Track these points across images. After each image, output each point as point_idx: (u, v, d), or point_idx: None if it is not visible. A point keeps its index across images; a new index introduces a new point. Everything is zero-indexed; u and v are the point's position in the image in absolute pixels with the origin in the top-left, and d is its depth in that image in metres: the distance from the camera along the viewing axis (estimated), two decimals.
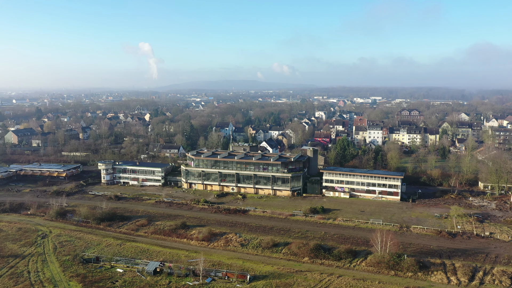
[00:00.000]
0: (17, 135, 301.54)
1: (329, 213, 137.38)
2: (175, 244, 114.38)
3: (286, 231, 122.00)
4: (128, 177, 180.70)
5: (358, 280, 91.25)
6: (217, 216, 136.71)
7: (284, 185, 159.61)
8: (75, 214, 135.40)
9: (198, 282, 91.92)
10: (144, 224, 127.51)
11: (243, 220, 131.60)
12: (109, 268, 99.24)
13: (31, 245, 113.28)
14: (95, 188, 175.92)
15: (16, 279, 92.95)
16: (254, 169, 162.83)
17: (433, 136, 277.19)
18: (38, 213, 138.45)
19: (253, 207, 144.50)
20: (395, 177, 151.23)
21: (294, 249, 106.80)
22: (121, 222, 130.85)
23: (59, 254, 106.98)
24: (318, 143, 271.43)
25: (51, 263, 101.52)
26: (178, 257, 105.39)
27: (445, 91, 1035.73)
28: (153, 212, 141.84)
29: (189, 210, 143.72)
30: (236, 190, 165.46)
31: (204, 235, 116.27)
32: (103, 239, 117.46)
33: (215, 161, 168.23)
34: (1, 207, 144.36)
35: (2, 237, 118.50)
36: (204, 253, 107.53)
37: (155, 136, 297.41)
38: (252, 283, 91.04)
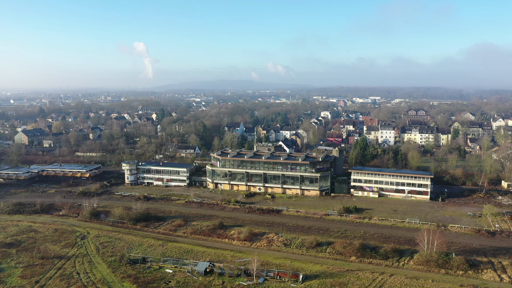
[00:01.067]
0: (27, 135, 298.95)
1: (362, 213, 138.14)
2: (217, 244, 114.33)
3: (325, 230, 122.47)
4: (152, 177, 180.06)
5: (411, 278, 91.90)
6: (251, 216, 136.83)
7: (312, 185, 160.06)
8: (110, 215, 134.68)
9: (251, 282, 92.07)
10: (181, 225, 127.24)
11: (279, 220, 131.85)
12: (157, 269, 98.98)
13: (72, 246, 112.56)
14: (119, 188, 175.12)
15: (67, 281, 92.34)
16: (282, 169, 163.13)
17: (445, 136, 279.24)
18: (71, 214, 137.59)
19: (285, 207, 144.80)
20: (425, 176, 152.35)
21: (339, 249, 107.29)
22: (156, 223, 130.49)
23: (103, 255, 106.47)
24: (331, 143, 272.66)
25: (98, 264, 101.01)
26: (224, 257, 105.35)
27: (443, 91, 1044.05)
28: (186, 212, 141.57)
29: (222, 210, 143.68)
30: (263, 190, 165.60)
31: (245, 235, 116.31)
32: (143, 239, 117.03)
33: (241, 161, 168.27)
34: (31, 208, 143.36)
35: (40, 239, 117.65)
36: (249, 253, 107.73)
37: (166, 136, 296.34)
38: (305, 282, 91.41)
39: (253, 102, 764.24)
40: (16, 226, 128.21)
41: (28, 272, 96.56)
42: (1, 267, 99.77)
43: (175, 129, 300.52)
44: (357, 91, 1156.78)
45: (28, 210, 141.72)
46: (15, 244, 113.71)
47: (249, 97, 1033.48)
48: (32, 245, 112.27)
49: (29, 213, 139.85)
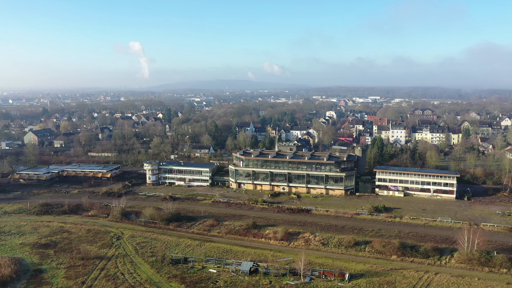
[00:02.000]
0: (37, 135, 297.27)
1: (391, 212, 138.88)
2: (254, 244, 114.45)
3: (359, 230, 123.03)
4: (174, 177, 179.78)
5: (457, 277, 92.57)
6: (281, 215, 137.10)
7: (337, 184, 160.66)
8: (141, 215, 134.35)
9: (298, 282, 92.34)
10: (213, 225, 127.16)
11: (311, 220, 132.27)
12: (200, 269, 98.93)
13: (109, 246, 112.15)
14: (141, 188, 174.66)
15: (113, 281, 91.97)
16: (306, 169, 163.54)
17: (456, 135, 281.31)
18: (100, 214, 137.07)
19: (313, 206, 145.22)
20: (451, 175, 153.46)
21: (378, 248, 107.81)
22: (188, 223, 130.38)
23: (143, 255, 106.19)
24: (344, 143, 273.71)
25: (140, 265, 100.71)
26: (264, 257, 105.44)
27: (442, 91, 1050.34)
28: (215, 212, 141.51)
29: (250, 210, 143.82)
30: (287, 190, 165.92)
31: (281, 235, 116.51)
32: (179, 240, 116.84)
33: (265, 160, 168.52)
34: (59, 208, 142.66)
35: (75, 239, 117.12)
36: (288, 253, 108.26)
37: (176, 136, 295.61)
38: (352, 281, 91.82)
39: (254, 102, 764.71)
40: (48, 227, 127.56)
41: (71, 273, 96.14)
42: (43, 268, 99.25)
43: (185, 129, 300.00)
44: (356, 91, 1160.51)
45: (57, 210, 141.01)
46: (51, 245, 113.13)
47: (248, 97, 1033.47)
48: (69, 246, 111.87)
49: (57, 214, 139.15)
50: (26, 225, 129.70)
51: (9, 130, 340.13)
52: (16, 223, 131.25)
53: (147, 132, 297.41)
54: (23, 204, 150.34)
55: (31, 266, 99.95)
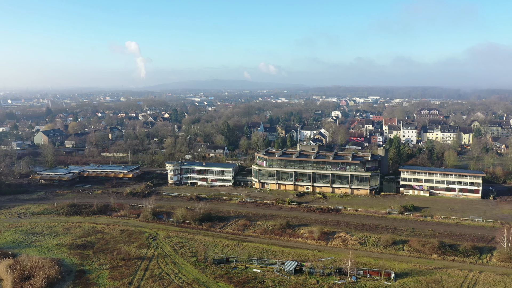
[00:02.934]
0: (47, 135, 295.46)
1: (420, 211, 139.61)
2: (292, 243, 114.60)
3: (393, 229, 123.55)
4: (196, 177, 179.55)
5: (502, 275, 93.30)
6: (312, 215, 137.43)
7: (362, 184, 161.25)
8: (173, 215, 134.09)
9: (345, 281, 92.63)
10: (246, 225, 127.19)
11: (343, 219, 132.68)
12: (244, 269, 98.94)
13: (147, 247, 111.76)
14: (164, 189, 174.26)
15: (160, 282, 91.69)
16: (331, 168, 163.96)
17: (467, 135, 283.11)
18: (130, 215, 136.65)
19: (341, 206, 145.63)
20: (476, 175, 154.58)
21: (417, 247, 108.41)
22: (221, 223, 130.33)
23: (183, 255, 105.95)
24: (357, 143, 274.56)
25: (183, 265, 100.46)
26: (305, 256, 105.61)
27: (441, 91, 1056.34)
28: (244, 212, 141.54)
29: (279, 210, 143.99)
30: (311, 190, 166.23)
31: (318, 234, 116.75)
32: (216, 239, 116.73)
33: (289, 160, 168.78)
34: (88, 209, 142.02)
35: (111, 240, 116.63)
36: (328, 252, 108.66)
37: (187, 136, 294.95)
38: (398, 280, 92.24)
39: (255, 101, 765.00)
40: (80, 228, 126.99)
41: (115, 273, 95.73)
42: (85, 268, 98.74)
43: (195, 129, 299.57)
44: (355, 91, 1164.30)
45: (85, 211, 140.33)
46: (88, 245, 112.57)
47: (248, 97, 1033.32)
48: (106, 247, 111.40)
49: (87, 214, 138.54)
50: (57, 225, 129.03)
51: (17, 130, 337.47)
52: (47, 224, 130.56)
53: (158, 132, 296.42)
54: (49, 205, 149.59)
55: (73, 267, 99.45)
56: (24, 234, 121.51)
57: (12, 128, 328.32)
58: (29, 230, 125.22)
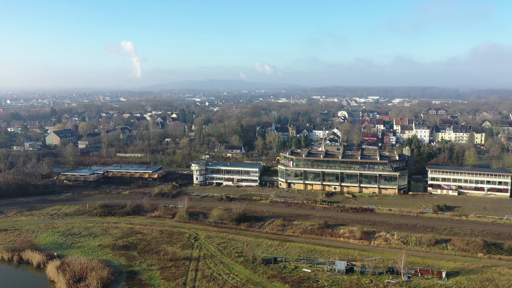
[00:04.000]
0: (59, 136, 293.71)
1: (453, 210, 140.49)
2: (334, 243, 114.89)
3: (431, 228, 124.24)
4: (222, 177, 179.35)
5: None
6: (347, 215, 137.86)
7: (391, 184, 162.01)
8: (209, 216, 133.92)
9: (398, 280, 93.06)
10: (284, 224, 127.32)
11: (380, 219, 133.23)
12: (293, 269, 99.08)
13: (190, 247, 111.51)
14: (190, 189, 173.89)
15: (214, 282, 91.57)
16: (359, 168, 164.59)
17: (479, 135, 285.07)
18: (165, 215, 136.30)
19: (372, 205, 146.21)
20: (505, 174, 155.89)
21: (461, 246, 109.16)
22: (258, 223, 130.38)
23: (230, 255, 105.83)
24: (373, 142, 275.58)
25: (232, 265, 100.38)
26: (351, 256, 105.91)
27: (439, 91, 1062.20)
28: (278, 212, 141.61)
29: (313, 210, 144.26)
30: (339, 189, 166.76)
31: (359, 234, 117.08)
32: (257, 240, 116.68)
33: (316, 160, 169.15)
34: (121, 209, 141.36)
35: (152, 240, 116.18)
36: (373, 252, 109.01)
37: (199, 136, 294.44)
38: (450, 279, 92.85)
39: (257, 101, 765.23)
40: (117, 228, 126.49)
41: (167, 274, 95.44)
42: (135, 269, 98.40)
43: (208, 130, 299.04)
44: (354, 91, 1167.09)
45: (119, 212, 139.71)
46: (130, 246, 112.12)
47: (248, 97, 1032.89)
48: (149, 247, 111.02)
49: (121, 215, 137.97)
50: (93, 226, 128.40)
51: (26, 131, 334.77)
52: (83, 225, 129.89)
53: (173, 132, 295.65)
54: (80, 206, 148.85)
55: (122, 268, 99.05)
56: (63, 235, 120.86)
57: (22, 128, 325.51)
58: (66, 231, 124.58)
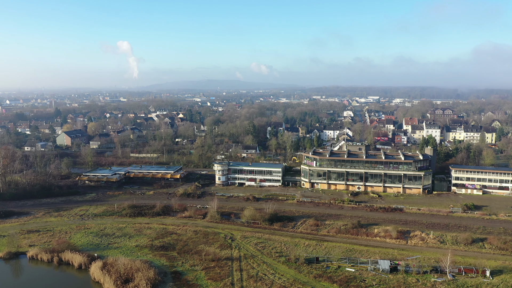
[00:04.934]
0: (70, 136, 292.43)
1: (481, 209, 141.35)
2: (372, 242, 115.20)
3: (464, 227, 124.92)
4: (244, 177, 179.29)
5: None
6: (378, 214, 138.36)
7: (415, 183, 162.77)
8: (241, 216, 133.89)
9: (443, 279, 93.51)
10: (317, 224, 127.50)
11: (411, 218, 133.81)
12: (337, 268, 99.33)
13: (228, 247, 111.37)
14: (213, 189, 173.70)
15: (262, 282, 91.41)
16: (383, 168, 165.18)
17: (489, 135, 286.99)
18: (196, 216, 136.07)
19: (400, 205, 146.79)
20: None
21: (498, 244, 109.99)
22: (290, 223, 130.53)
23: (270, 255, 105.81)
24: (386, 142, 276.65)
25: (275, 265, 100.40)
26: (391, 255, 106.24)
27: (439, 91, 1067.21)
28: (308, 212, 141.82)
29: (341, 209, 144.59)
30: (363, 189, 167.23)
31: (395, 233, 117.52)
32: (294, 239, 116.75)
33: (340, 160, 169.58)
34: (150, 210, 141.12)
35: (189, 241, 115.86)
36: (412, 251, 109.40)
37: (211, 136, 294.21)
38: (495, 277, 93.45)
39: (257, 102, 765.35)
40: (150, 229, 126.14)
41: (212, 274, 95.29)
42: (178, 270, 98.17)
43: (222, 130, 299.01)
44: (354, 91, 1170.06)
45: (149, 212, 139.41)
46: (168, 247, 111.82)
47: (249, 97, 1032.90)
48: (187, 248, 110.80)
49: (151, 216, 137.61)
50: (125, 227, 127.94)
51: (37, 131, 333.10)
52: (115, 225, 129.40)
53: (185, 132, 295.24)
54: (107, 206, 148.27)
55: (165, 269, 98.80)
56: (97, 236, 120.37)
57: (32, 129, 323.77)
58: (99, 232, 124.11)
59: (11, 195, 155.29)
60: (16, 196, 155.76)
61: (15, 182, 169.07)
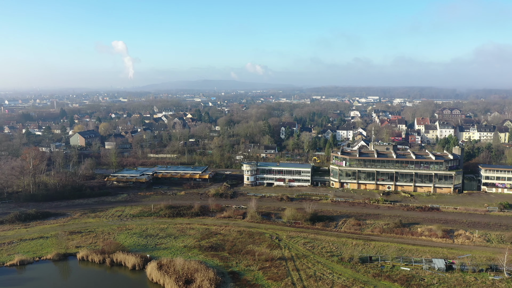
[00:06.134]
0: (84, 137, 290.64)
1: None
2: (418, 241, 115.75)
3: (506, 226, 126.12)
4: (273, 177, 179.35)
5: None
6: (416, 213, 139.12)
7: (446, 182, 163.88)
8: (282, 216, 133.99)
9: (501, 277, 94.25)
10: (358, 224, 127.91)
11: (451, 217, 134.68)
12: (391, 267, 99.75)
13: (278, 247, 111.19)
14: (242, 189, 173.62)
15: (322, 281, 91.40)
16: (413, 167, 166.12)
17: (503, 134, 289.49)
18: (236, 216, 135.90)
19: (435, 204, 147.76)
20: None
21: None
22: (331, 222, 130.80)
23: (321, 255, 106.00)
24: (402, 142, 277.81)
25: (330, 265, 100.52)
26: (442, 254, 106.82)
27: (437, 91, 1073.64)
28: (346, 211, 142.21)
29: (378, 209, 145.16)
30: (393, 189, 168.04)
31: (441, 233, 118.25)
32: (340, 239, 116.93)
33: (371, 160, 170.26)
34: (188, 210, 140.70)
35: (236, 241, 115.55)
36: (460, 249, 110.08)
37: (226, 136, 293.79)
38: None
39: (257, 102, 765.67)
40: (192, 229, 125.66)
41: (270, 274, 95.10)
42: (234, 270, 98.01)
43: (237, 130, 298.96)
44: (353, 91, 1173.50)
45: (187, 213, 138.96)
46: (216, 247, 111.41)
47: (249, 97, 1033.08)
48: (236, 248, 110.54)
49: (190, 216, 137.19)
50: (167, 228, 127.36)
51: (49, 132, 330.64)
52: (156, 226, 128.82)
53: (201, 133, 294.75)
54: (143, 207, 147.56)
55: (221, 269, 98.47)
56: (141, 237, 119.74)
57: (46, 129, 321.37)
58: (142, 232, 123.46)
59: (43, 196, 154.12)
60: (48, 197, 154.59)
61: (43, 183, 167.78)
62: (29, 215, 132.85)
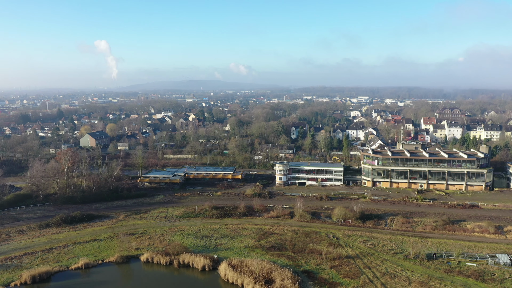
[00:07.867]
0: (94, 137, 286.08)
1: None
2: (473, 237, 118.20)
3: None
4: (305, 177, 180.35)
5: None
6: (459, 211, 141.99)
7: (477, 180, 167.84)
8: (332, 215, 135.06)
9: None
10: (408, 222, 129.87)
11: (495, 214, 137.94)
12: (458, 263, 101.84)
13: (339, 246, 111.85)
14: (275, 189, 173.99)
15: (399, 279, 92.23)
16: (446, 166, 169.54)
17: (509, 133, 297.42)
18: (284, 215, 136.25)
19: (473, 201, 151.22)
20: None
21: None
22: (380, 220, 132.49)
23: (385, 252, 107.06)
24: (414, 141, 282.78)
25: (397, 262, 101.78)
26: (501, 249, 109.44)
27: (425, 91, 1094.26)
28: (389, 210, 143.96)
29: (419, 207, 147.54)
30: (425, 187, 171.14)
31: (493, 229, 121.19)
32: (396, 237, 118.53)
33: (403, 159, 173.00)
34: (234, 211, 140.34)
35: (295, 240, 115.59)
36: None
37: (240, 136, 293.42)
38: None
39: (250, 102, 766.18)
40: (245, 229, 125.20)
41: (344, 272, 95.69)
42: (307, 269, 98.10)
43: (250, 130, 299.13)
44: (342, 91, 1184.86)
45: (234, 213, 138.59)
46: (278, 247, 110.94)
47: (242, 97, 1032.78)
48: (298, 247, 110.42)
49: (238, 216, 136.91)
50: (219, 228, 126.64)
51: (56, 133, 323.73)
52: (207, 227, 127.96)
53: (212, 133, 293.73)
54: (186, 208, 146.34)
55: (292, 268, 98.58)
56: (197, 238, 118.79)
57: (55, 130, 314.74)
58: (195, 233, 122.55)
59: (81, 198, 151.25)
60: (86, 199, 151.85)
61: (76, 185, 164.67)
62: (75, 217, 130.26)
